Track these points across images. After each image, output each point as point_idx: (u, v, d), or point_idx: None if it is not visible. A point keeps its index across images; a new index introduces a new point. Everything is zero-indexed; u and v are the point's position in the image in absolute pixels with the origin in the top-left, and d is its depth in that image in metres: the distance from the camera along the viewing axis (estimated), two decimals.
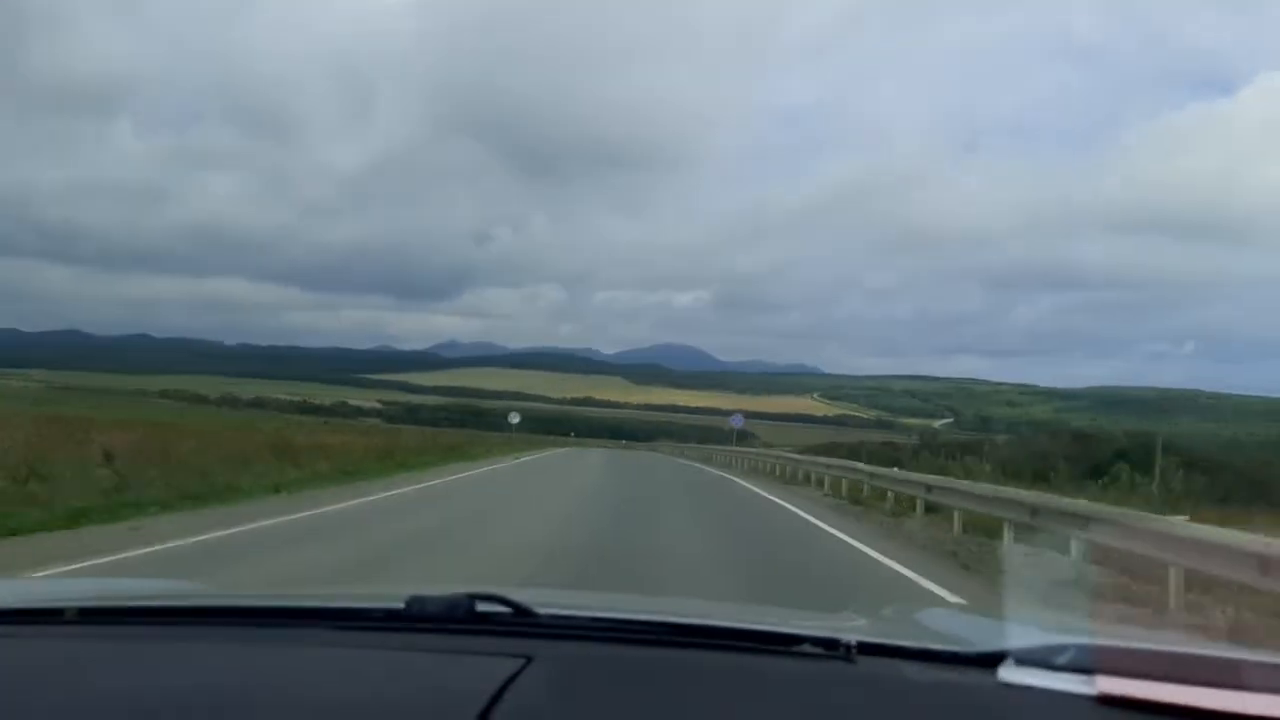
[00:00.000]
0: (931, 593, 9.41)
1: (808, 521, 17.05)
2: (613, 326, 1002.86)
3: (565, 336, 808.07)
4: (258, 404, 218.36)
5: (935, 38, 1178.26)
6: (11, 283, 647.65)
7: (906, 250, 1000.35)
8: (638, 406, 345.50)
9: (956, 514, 15.17)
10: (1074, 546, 10.64)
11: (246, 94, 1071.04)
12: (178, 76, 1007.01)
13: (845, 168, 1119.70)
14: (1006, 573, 10.70)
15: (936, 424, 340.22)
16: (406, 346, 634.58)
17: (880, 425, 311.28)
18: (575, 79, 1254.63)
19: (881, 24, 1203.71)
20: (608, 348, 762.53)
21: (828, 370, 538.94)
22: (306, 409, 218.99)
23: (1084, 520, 10.63)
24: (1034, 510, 12.02)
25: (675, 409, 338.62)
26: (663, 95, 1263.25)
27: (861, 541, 13.79)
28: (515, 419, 53.07)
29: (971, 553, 12.63)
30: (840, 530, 15.37)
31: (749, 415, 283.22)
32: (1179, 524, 9.02)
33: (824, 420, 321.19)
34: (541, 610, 1.71)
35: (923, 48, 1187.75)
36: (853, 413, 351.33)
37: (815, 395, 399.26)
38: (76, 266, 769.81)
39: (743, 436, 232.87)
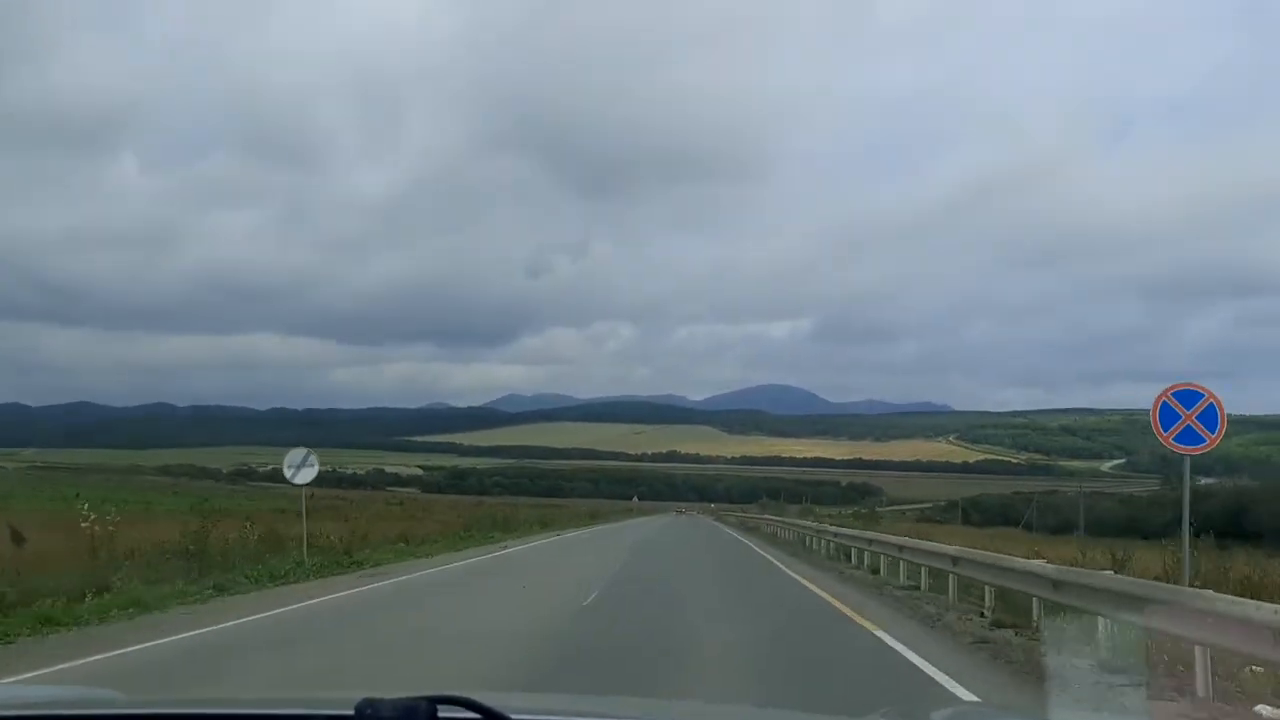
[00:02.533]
0: None
1: None
2: (698, 368, 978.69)
3: (644, 382, 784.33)
4: (274, 477, 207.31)
5: (1073, 4, 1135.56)
6: (11, 350, 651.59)
7: (1047, 260, 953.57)
8: (734, 460, 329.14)
9: None
10: None
11: (262, 118, 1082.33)
12: (185, 102, 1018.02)
13: (967, 165, 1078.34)
14: None
15: (1105, 466, 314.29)
16: (461, 403, 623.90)
17: (1035, 471, 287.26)
18: (633, 76, 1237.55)
19: None
20: (695, 393, 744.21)
21: (960, 408, 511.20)
22: (326, 480, 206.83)
23: None
24: None
25: (779, 461, 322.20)
26: (739, 89, 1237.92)
27: None
28: (303, 476, 21.21)
29: None
30: None
31: (871, 465, 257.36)
32: None
33: (965, 468, 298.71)
34: (515, 716, 1.64)
35: (1059, 16, 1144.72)
36: (999, 456, 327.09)
37: (951, 438, 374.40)
38: (84, 328, 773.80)
39: (866, 494, 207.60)
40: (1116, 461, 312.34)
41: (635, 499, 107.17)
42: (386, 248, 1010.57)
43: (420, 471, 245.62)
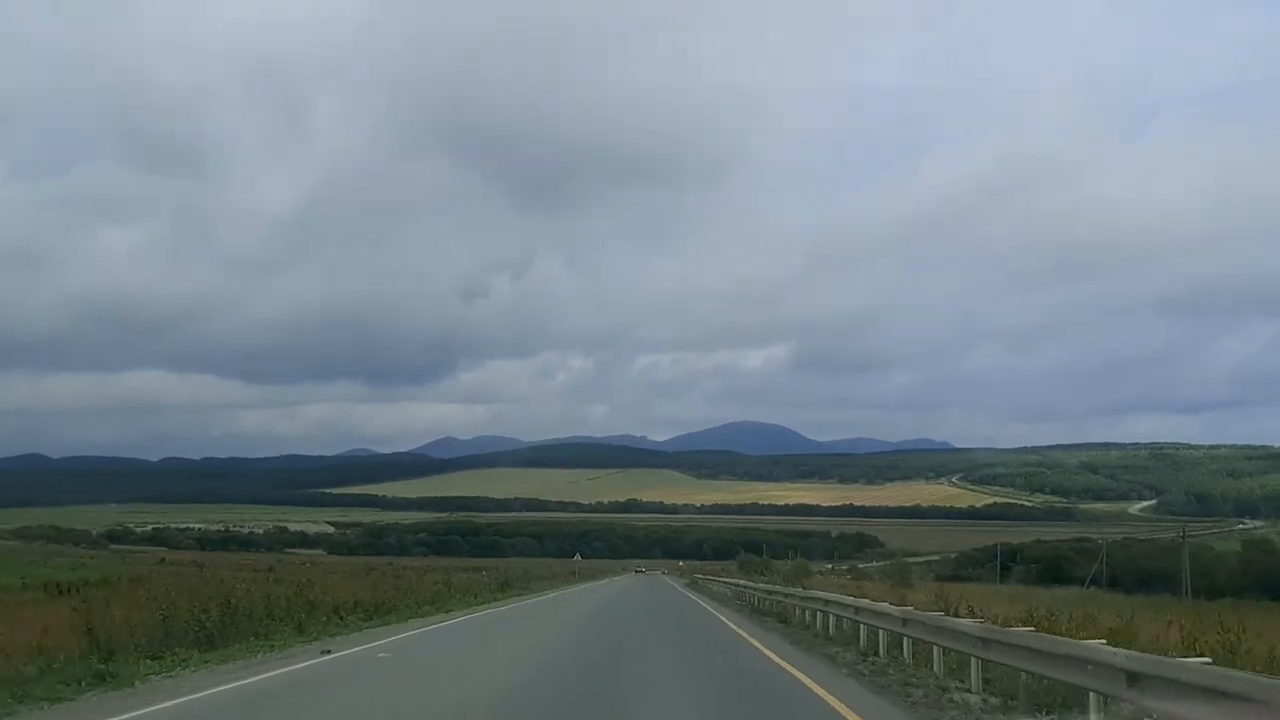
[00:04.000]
0: None
1: None
2: (661, 405, 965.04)
3: (599, 422, 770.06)
4: (155, 539, 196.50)
5: None
6: None
7: (1056, 275, 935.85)
8: (704, 509, 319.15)
9: None
10: None
11: (145, 120, 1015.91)
12: (53, 101, 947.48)
13: (960, 167, 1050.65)
14: None
15: (1134, 508, 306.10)
16: (388, 449, 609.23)
17: (1053, 515, 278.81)
18: (578, 68, 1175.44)
19: None
20: (658, 433, 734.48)
21: (961, 445, 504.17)
22: (212, 541, 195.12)
23: None
24: None
25: (757, 509, 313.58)
26: (700, 82, 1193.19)
27: None
28: None
29: None
30: None
31: (864, 512, 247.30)
32: None
33: (973, 514, 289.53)
34: None
35: None
36: (1011, 499, 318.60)
37: (954, 479, 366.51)
38: None
39: (862, 544, 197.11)
40: (1146, 503, 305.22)
41: (579, 557, 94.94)
42: (298, 270, 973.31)
43: (331, 529, 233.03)
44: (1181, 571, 59.00)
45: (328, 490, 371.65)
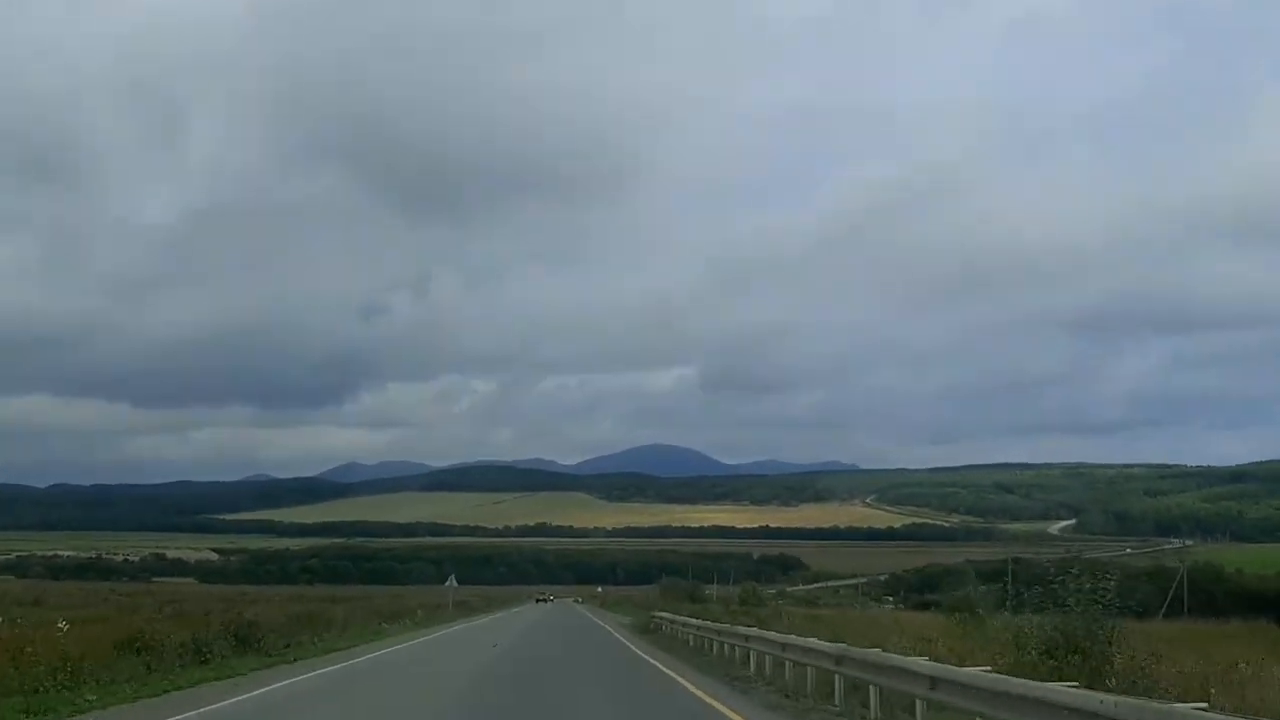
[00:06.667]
0: None
1: None
2: (571, 427, 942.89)
3: (507, 445, 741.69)
4: (15, 567, 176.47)
5: (982, 8, 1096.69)
6: None
7: (959, 293, 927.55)
8: (616, 532, 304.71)
9: None
10: None
11: (13, 128, 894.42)
12: None
13: (862, 184, 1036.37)
14: None
15: (1053, 528, 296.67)
16: (288, 474, 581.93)
17: (973, 535, 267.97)
18: (478, 72, 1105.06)
19: None
20: (567, 456, 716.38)
21: (869, 466, 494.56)
22: (68, 570, 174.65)
23: None
24: None
25: (670, 531, 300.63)
26: (602, 93, 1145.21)
27: None
28: None
29: None
30: None
31: (781, 534, 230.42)
32: None
33: (891, 534, 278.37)
34: None
35: (964, 19, 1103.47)
36: (927, 520, 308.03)
37: (869, 499, 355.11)
38: None
39: (785, 567, 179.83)
40: (1065, 522, 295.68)
41: (452, 582, 75.11)
42: (184, 287, 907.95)
43: (214, 556, 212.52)
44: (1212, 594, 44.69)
45: (222, 516, 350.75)
